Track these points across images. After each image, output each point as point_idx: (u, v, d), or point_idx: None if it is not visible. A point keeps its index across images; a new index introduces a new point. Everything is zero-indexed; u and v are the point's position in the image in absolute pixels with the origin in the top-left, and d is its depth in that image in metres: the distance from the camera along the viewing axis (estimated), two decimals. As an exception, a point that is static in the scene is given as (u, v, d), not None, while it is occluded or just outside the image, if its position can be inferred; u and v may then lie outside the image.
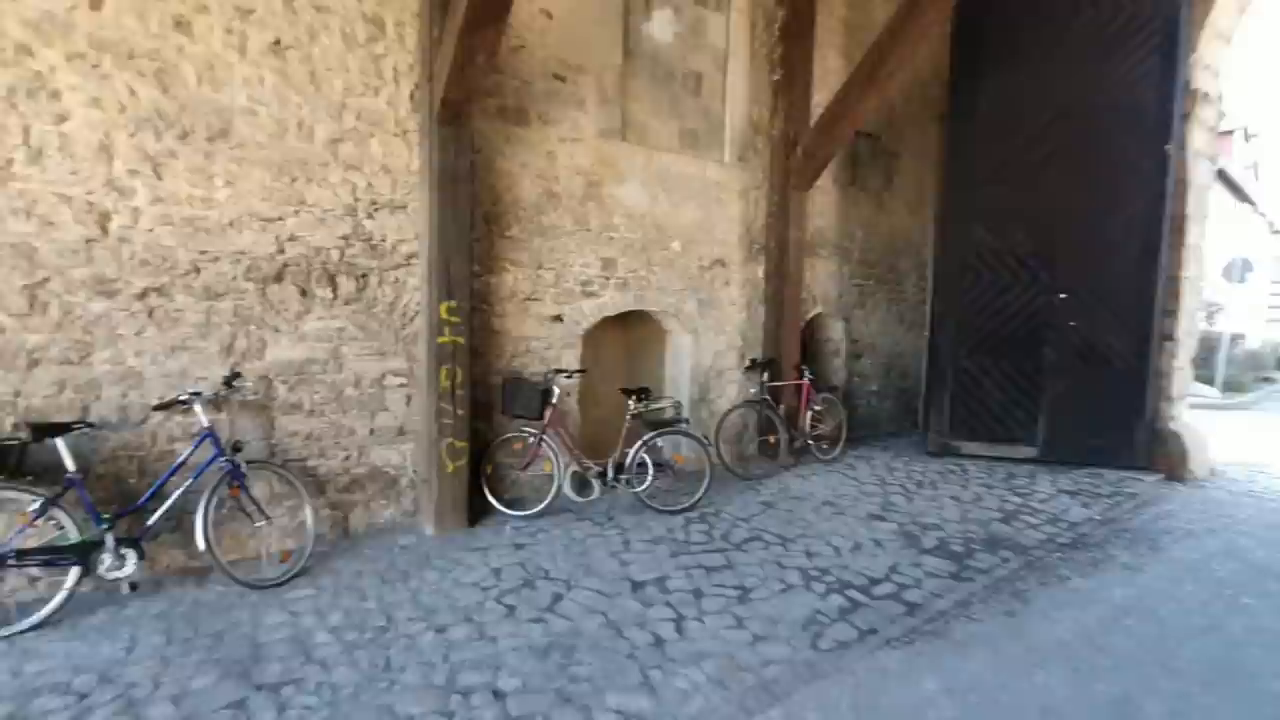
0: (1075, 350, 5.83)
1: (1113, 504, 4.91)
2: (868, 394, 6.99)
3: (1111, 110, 5.64)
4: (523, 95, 4.39)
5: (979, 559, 3.81)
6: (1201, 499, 5.14)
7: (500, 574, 3.47)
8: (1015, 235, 5.89)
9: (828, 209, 6.36)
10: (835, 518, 4.45)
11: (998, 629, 3.03)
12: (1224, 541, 4.18)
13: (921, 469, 5.74)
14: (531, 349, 4.55)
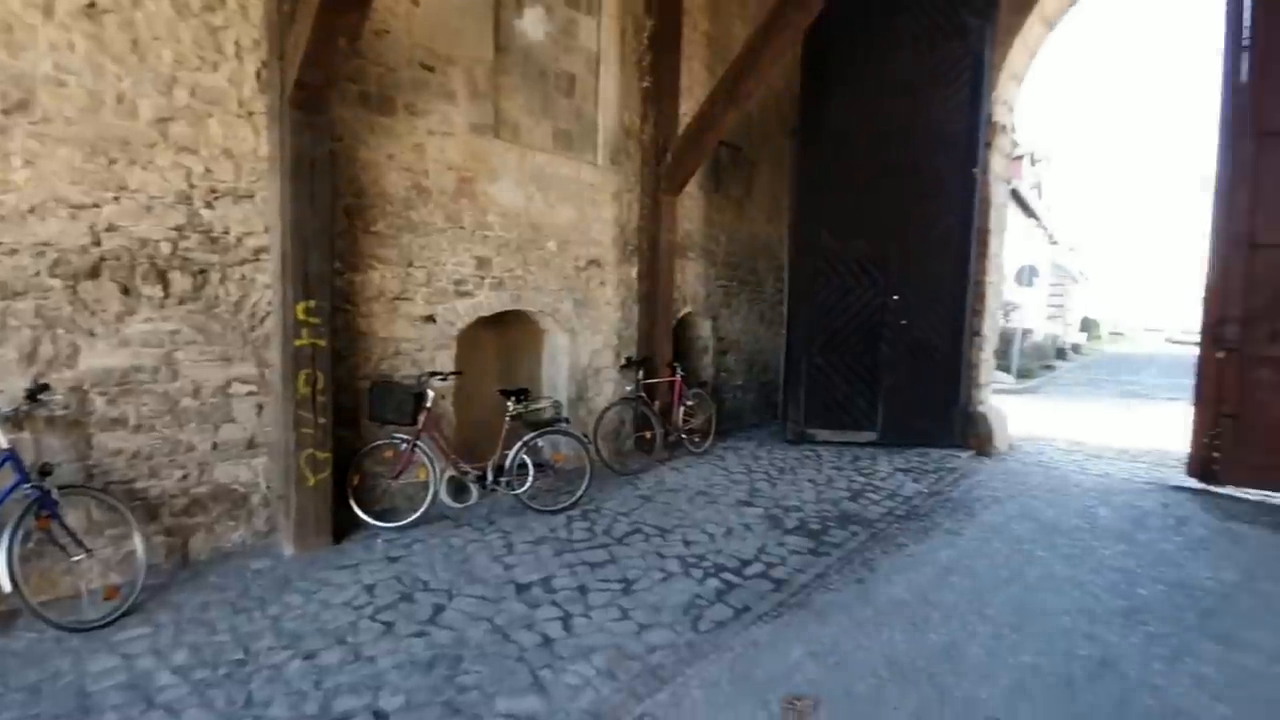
0: (906, 345, 6.62)
1: (938, 478, 5.66)
2: (733, 389, 7.44)
3: (932, 136, 6.47)
4: (388, 83, 4.16)
5: (833, 535, 4.24)
6: (1004, 470, 6.07)
7: (374, 590, 3.29)
8: (856, 243, 6.56)
9: (695, 214, 6.67)
10: (708, 506, 4.72)
11: (851, 596, 3.39)
12: (1021, 505, 4.98)
13: (782, 456, 6.24)
14: (402, 351, 4.33)
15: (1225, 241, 5.32)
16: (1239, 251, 5.24)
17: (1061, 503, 5.04)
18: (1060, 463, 6.45)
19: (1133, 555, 3.98)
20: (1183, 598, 3.41)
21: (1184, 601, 3.37)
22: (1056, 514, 4.77)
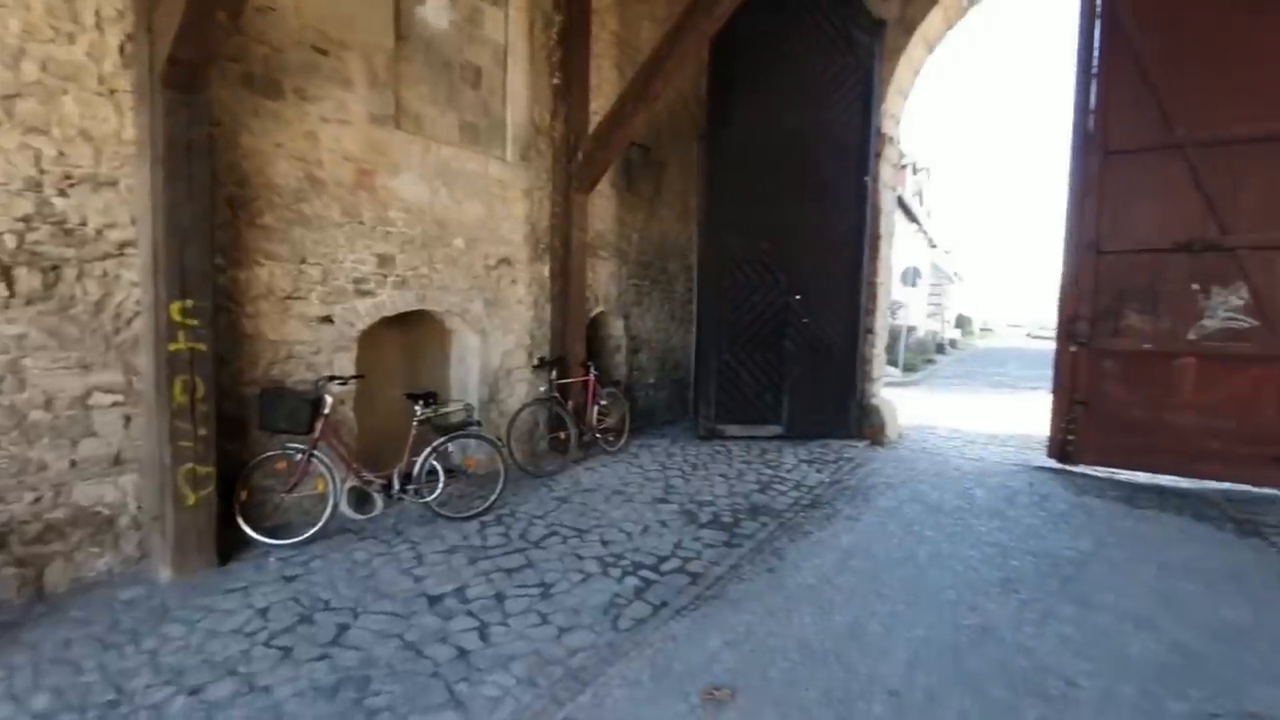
0: (807, 342, 6.97)
1: (838, 468, 6.00)
2: (646, 386, 7.53)
3: (828, 144, 6.85)
4: (275, 65, 3.86)
5: (745, 526, 4.39)
6: (895, 458, 6.53)
7: (268, 613, 3.05)
8: (761, 244, 6.83)
9: (607, 213, 6.68)
10: (625, 505, 4.75)
11: (763, 584, 3.53)
12: (910, 490, 5.38)
13: (695, 452, 6.39)
14: (296, 354, 4.04)
15: (1076, 247, 6.01)
16: (1088, 257, 5.93)
17: (945, 485, 5.50)
18: (943, 449, 7.03)
19: (1005, 530, 4.40)
20: (1047, 566, 3.82)
21: (1048, 570, 3.77)
22: (941, 496, 5.19)
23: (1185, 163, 5.53)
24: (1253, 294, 5.34)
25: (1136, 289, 5.79)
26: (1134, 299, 5.81)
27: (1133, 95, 5.70)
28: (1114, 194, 5.85)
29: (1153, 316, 5.73)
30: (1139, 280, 5.78)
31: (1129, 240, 5.79)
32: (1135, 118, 5.71)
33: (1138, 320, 5.80)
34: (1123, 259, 5.83)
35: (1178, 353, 5.63)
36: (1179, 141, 5.54)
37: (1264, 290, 5.29)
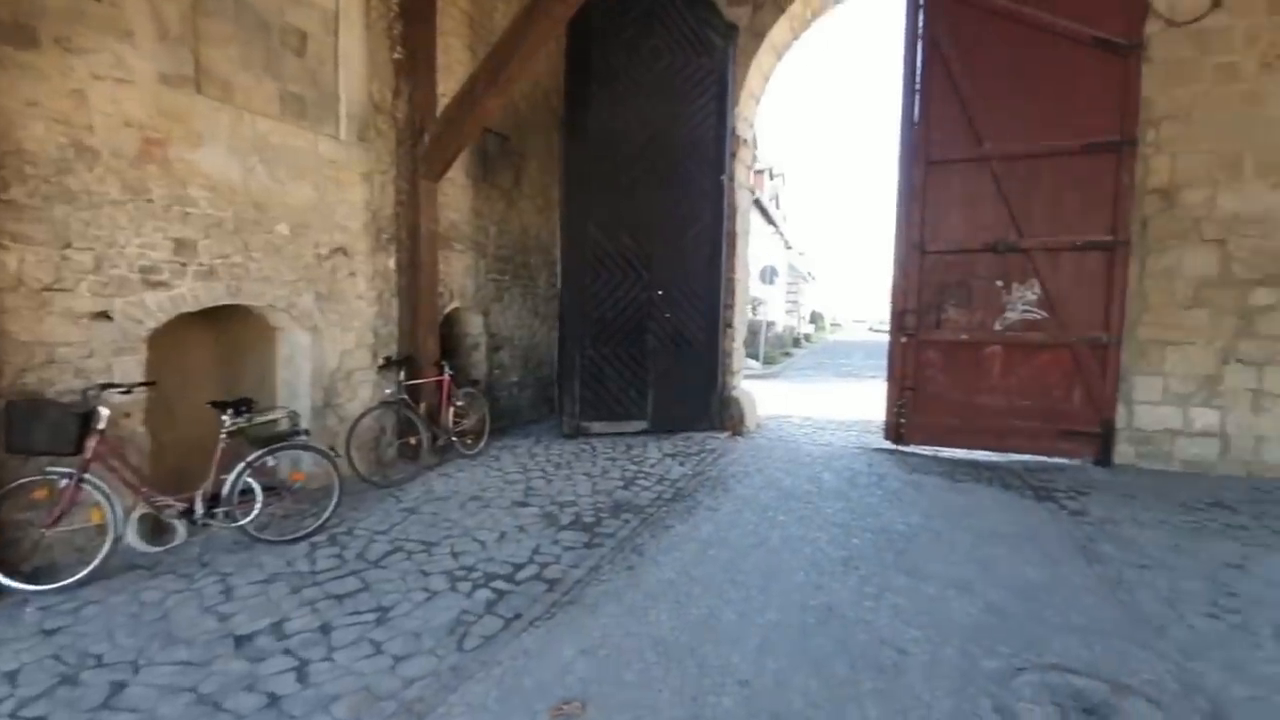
0: (669, 337, 7.05)
1: (700, 460, 6.11)
2: (509, 385, 7.23)
3: (688, 143, 6.96)
4: (25, 7, 3.14)
5: (606, 525, 4.30)
6: (754, 447, 6.79)
7: (18, 677, 2.47)
8: (623, 239, 6.79)
9: (461, 203, 6.30)
10: (481, 511, 4.47)
11: (622, 583, 3.44)
12: (766, 477, 5.59)
13: (559, 451, 6.21)
14: (60, 359, 3.32)
15: (904, 248, 6.58)
16: (913, 257, 6.52)
17: (797, 471, 5.78)
18: (796, 437, 7.44)
19: (848, 510, 4.69)
20: (883, 542, 4.09)
21: (884, 545, 4.05)
22: (793, 482, 5.44)
23: (991, 174, 6.24)
24: (1043, 289, 6.14)
25: (954, 286, 6.46)
26: (952, 295, 6.47)
27: (949, 111, 6.34)
28: (935, 200, 6.48)
29: (967, 310, 6.42)
30: (955, 278, 6.45)
31: (947, 242, 6.44)
32: (951, 132, 6.35)
33: (955, 313, 6.46)
34: (942, 259, 6.48)
35: (987, 342, 6.35)
36: (986, 155, 6.24)
37: (1051, 286, 6.10)
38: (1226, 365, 5.69)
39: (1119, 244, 5.84)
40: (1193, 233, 5.75)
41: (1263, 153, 5.55)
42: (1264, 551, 3.92)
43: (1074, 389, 6.08)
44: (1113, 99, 5.82)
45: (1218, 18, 5.59)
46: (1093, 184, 5.93)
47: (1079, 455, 6.08)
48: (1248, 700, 2.46)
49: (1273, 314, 5.57)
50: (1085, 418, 6.03)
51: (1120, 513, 4.67)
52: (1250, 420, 5.65)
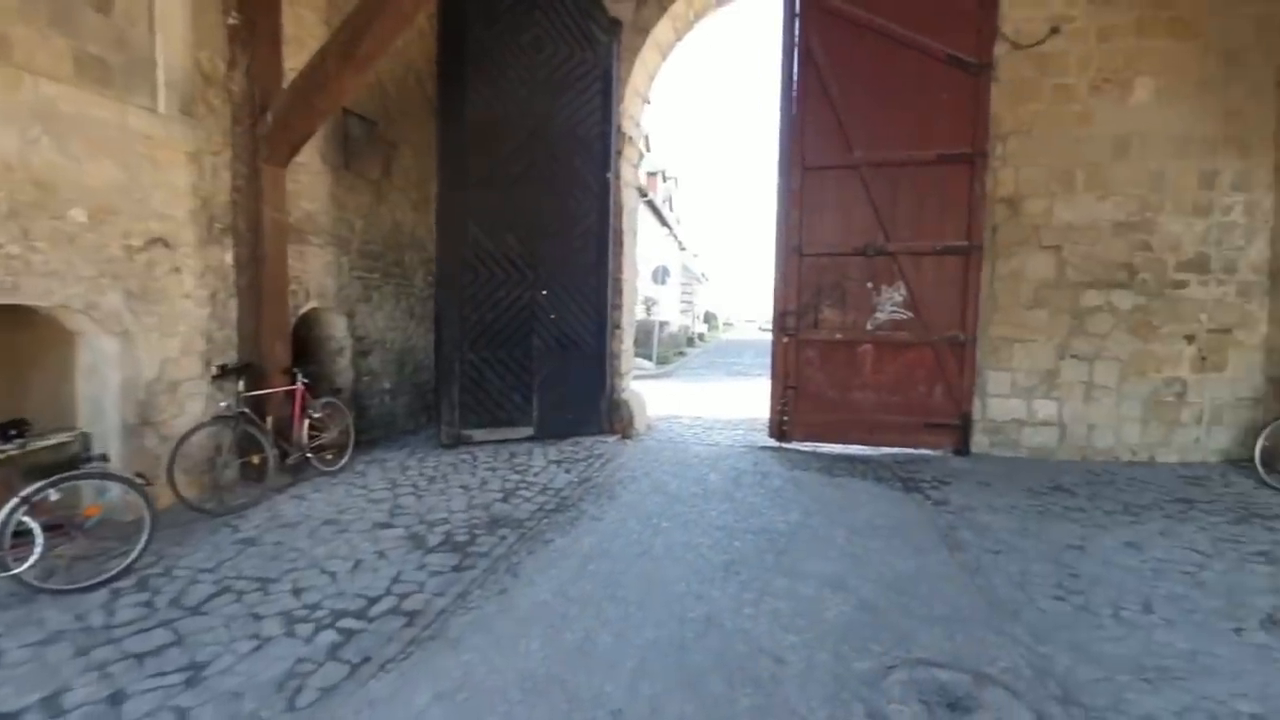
0: (556, 339, 6.79)
1: (587, 465, 5.90)
2: (380, 393, 6.65)
3: (573, 139, 6.72)
4: None
5: (481, 543, 3.97)
6: (643, 450, 6.68)
7: None
8: (505, 237, 6.45)
9: (317, 191, 5.68)
10: (336, 538, 3.99)
11: (492, 610, 3.16)
12: (653, 481, 5.48)
13: (435, 463, 5.77)
14: None
15: (784, 250, 6.73)
16: (792, 259, 6.69)
17: (684, 473, 5.72)
18: (685, 437, 7.42)
19: (732, 512, 4.66)
20: (765, 543, 4.08)
21: (765, 546, 4.03)
22: (679, 484, 5.37)
23: (861, 180, 6.51)
24: (909, 291, 6.49)
25: (829, 287, 6.68)
26: (828, 295, 6.70)
27: (823, 118, 6.55)
28: (811, 205, 6.67)
29: (841, 310, 6.67)
30: (831, 279, 6.68)
31: (823, 244, 6.65)
32: (826, 139, 6.57)
33: (831, 314, 6.69)
34: (819, 261, 6.69)
35: (860, 341, 6.63)
36: (856, 162, 6.50)
37: (915, 287, 6.45)
38: (1063, 360, 6.29)
39: (973, 249, 6.28)
40: (1034, 239, 6.29)
41: (1091, 168, 6.17)
42: (1099, 532, 4.30)
43: (936, 384, 6.48)
44: (966, 114, 6.25)
45: (1056, 43, 6.15)
46: (950, 193, 6.34)
47: (942, 446, 6.49)
48: (1094, 682, 2.60)
49: (1099, 314, 6.21)
50: (946, 411, 6.45)
51: (977, 500, 4.99)
52: (1083, 410, 6.28)
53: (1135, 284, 6.12)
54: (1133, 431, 6.20)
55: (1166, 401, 6.14)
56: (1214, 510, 4.74)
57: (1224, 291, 6.05)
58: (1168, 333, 6.10)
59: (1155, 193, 6.05)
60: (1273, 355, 5.94)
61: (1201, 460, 6.11)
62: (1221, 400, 6.09)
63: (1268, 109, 5.88)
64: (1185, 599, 3.31)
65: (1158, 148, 6.02)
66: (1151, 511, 4.70)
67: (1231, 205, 5.99)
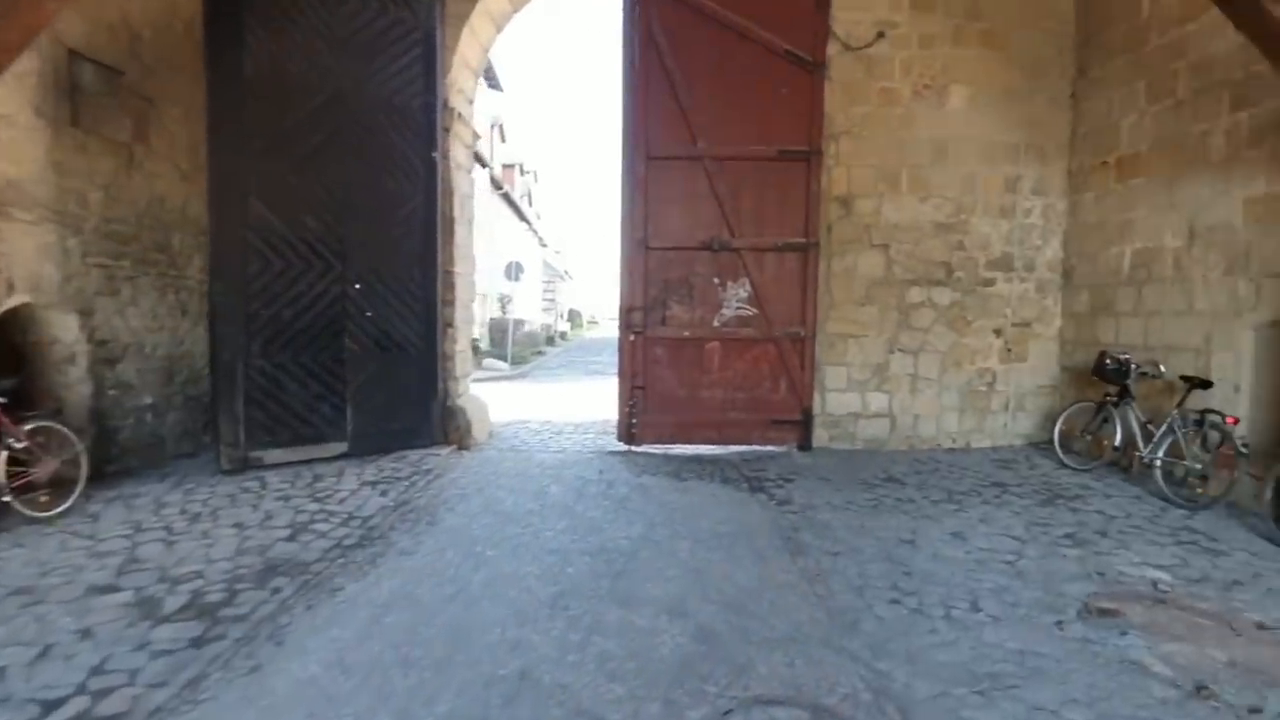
0: (374, 340, 5.89)
1: (409, 485, 5.12)
2: (138, 410, 5.33)
3: (386, 108, 5.84)
4: None
5: (241, 602, 3.13)
6: (480, 461, 6.00)
7: None
8: (303, 219, 5.44)
9: (26, 152, 4.35)
10: (21, 614, 2.93)
11: (234, 698, 2.39)
12: (485, 499, 4.85)
13: (207, 495, 4.68)
14: None
15: (629, 243, 6.37)
16: (638, 253, 6.34)
17: (522, 487, 5.14)
18: (531, 444, 6.84)
19: (570, 530, 4.17)
20: (602, 565, 3.64)
21: (602, 569, 3.59)
22: (515, 501, 4.79)
23: (705, 173, 6.32)
24: (753, 287, 6.40)
25: (676, 282, 6.43)
26: (675, 291, 6.44)
27: (667, 107, 6.27)
28: (657, 196, 6.37)
29: (689, 306, 6.44)
30: (678, 275, 6.43)
31: (669, 239, 6.38)
32: (670, 128, 6.29)
33: (679, 310, 6.45)
34: (665, 255, 6.41)
35: (707, 338, 6.44)
36: (700, 154, 6.30)
37: (759, 284, 6.38)
38: (892, 354, 6.53)
39: (810, 246, 6.32)
40: (865, 238, 6.47)
41: (914, 170, 6.45)
42: (928, 524, 4.35)
43: (781, 380, 6.46)
44: (803, 111, 6.27)
45: (881, 47, 6.34)
46: (790, 189, 6.34)
47: (786, 442, 6.49)
48: (931, 700, 2.42)
49: (922, 310, 6.52)
50: (790, 407, 6.45)
51: (818, 497, 4.93)
52: (910, 401, 6.56)
53: (952, 281, 6.50)
54: (952, 420, 6.59)
55: (979, 391, 6.59)
56: (1024, 493, 5.05)
57: (1025, 288, 6.61)
58: (979, 327, 6.54)
59: (968, 195, 6.46)
60: (1066, 347, 6.59)
61: (1009, 444, 6.64)
62: (1025, 388, 6.66)
63: (1063, 119, 6.49)
64: (1008, 591, 3.34)
65: (970, 152, 6.43)
66: (971, 498, 4.91)
67: (1031, 208, 6.55)
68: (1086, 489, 5.14)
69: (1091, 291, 6.20)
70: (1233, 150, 4.72)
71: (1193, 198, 5.08)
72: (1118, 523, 4.37)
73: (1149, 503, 4.77)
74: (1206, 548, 3.93)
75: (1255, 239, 4.55)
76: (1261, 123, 4.48)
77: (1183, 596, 3.25)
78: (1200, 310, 5.01)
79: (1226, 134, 4.75)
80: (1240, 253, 4.67)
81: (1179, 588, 3.36)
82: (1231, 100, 4.70)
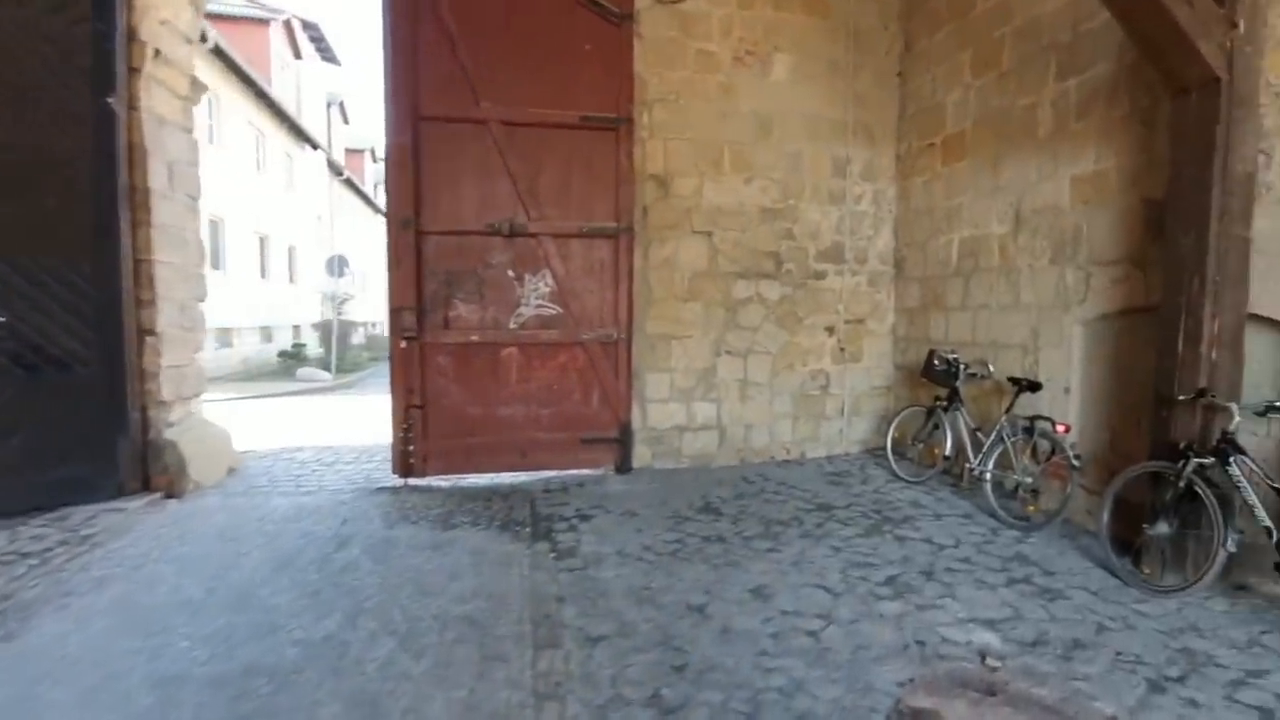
0: (12, 355, 4.18)
1: (39, 563, 3.54)
2: None
3: (30, 32, 4.15)
4: None
5: None
6: (182, 516, 4.44)
7: None
8: None
9: None
10: None
11: None
12: (134, 583, 3.37)
13: None
14: None
15: (395, 227, 5.06)
16: (406, 238, 5.04)
17: (206, 558, 3.70)
18: (280, 482, 5.32)
19: (221, 637, 2.83)
20: (225, 705, 2.36)
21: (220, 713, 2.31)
22: (176, 585, 3.36)
23: (493, 141, 5.15)
24: (556, 281, 5.33)
25: (462, 275, 5.21)
26: (461, 286, 5.22)
27: (442, 55, 5.02)
28: (434, 170, 5.11)
29: (479, 305, 5.25)
30: (463, 265, 5.21)
31: (450, 221, 5.15)
32: (446, 83, 5.05)
33: (465, 310, 5.24)
34: (446, 241, 5.17)
35: (503, 343, 5.29)
36: (484, 116, 5.12)
37: (563, 277, 5.32)
38: (719, 357, 5.70)
39: (623, 231, 5.35)
40: (685, 223, 5.58)
41: (737, 147, 5.64)
42: (732, 574, 3.46)
43: (593, 392, 5.44)
44: (610, 72, 5.27)
45: (697, 2, 5.46)
46: (597, 163, 5.33)
47: (602, 464, 5.48)
48: None
49: (750, 306, 5.74)
50: (604, 422, 5.45)
51: (611, 542, 3.92)
52: (740, 409, 5.77)
53: (782, 274, 5.78)
54: (785, 428, 5.88)
55: (813, 395, 5.94)
56: (850, 517, 4.34)
57: (858, 281, 6.03)
58: (811, 324, 5.88)
59: (795, 177, 5.76)
60: (900, 344, 6.08)
61: (845, 452, 6.04)
62: (859, 390, 6.09)
63: (890, 98, 5.95)
64: (802, 690, 2.45)
65: (796, 129, 5.73)
66: (790, 530, 4.11)
67: (862, 194, 5.97)
68: (918, 507, 4.53)
69: (922, 284, 5.70)
70: (1060, 123, 4.25)
71: (1019, 179, 4.60)
72: (946, 555, 3.71)
73: (980, 523, 4.20)
74: (1041, 585, 3.31)
75: (1083, 222, 4.08)
76: (1090, 91, 4.00)
77: (1016, 675, 2.51)
78: (1027, 303, 4.53)
79: (1053, 105, 4.27)
80: (1068, 238, 4.20)
81: (1011, 658, 2.64)
82: (1058, 67, 4.22)
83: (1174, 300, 3.26)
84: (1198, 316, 3.13)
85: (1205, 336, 3.11)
